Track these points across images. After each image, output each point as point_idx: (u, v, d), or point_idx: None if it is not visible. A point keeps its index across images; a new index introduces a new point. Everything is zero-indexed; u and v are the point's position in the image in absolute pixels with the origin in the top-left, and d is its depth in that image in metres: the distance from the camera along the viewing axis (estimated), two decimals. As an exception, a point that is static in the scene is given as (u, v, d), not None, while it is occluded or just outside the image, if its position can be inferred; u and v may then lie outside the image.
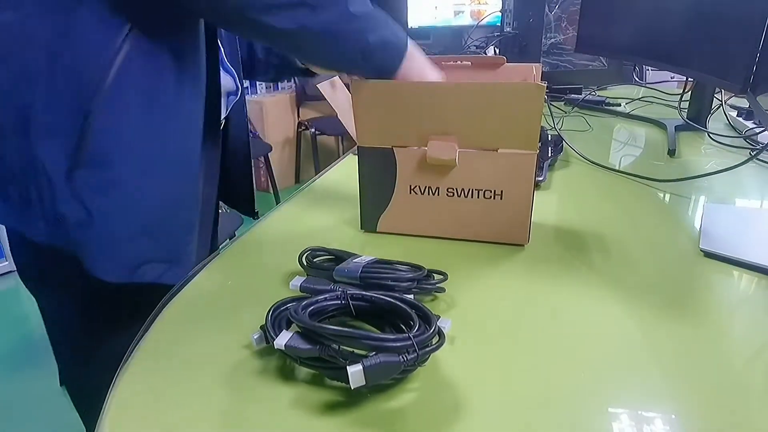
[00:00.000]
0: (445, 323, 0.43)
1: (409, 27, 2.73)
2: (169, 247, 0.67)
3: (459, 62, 0.71)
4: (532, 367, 0.42)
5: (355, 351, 0.37)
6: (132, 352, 0.46)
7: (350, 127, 0.69)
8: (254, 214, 0.91)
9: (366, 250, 0.64)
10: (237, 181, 0.87)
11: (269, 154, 2.92)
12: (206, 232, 0.81)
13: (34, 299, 0.72)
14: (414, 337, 0.36)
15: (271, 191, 3.03)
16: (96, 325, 0.70)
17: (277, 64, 0.87)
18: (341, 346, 0.36)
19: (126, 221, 0.62)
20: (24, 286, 0.70)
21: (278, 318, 0.42)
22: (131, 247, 0.63)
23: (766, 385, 0.40)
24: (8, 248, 0.72)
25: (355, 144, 0.65)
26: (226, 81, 0.77)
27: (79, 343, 0.73)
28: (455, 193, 0.62)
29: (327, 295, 0.41)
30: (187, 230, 0.70)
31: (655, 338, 0.46)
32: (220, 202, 0.89)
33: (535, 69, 0.70)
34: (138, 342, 0.48)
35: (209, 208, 0.81)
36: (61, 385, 1.60)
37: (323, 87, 0.72)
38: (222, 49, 0.74)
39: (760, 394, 0.40)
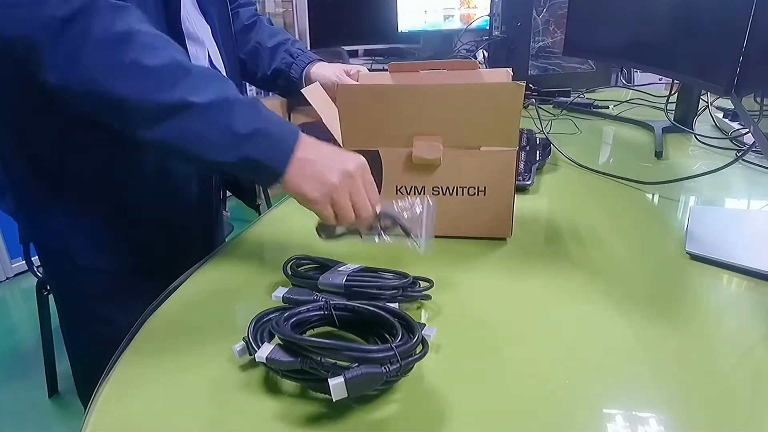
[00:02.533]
0: (430, 331, 0.43)
1: (399, 31, 2.74)
2: (167, 240, 0.71)
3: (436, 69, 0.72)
4: (519, 372, 0.42)
5: (338, 363, 0.36)
6: (114, 364, 0.45)
7: (335, 132, 0.69)
8: (256, 207, 0.97)
9: (352, 251, 0.63)
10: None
11: (260, 159, 2.89)
12: (208, 219, 0.86)
13: (21, 310, 0.73)
14: (397, 347, 0.35)
15: (263, 197, 3.01)
16: (105, 308, 0.73)
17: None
18: (323, 358, 0.35)
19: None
20: (11, 298, 0.71)
21: (260, 330, 0.42)
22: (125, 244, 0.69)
23: (751, 386, 0.40)
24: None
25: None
26: None
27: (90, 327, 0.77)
28: (440, 192, 0.63)
29: (309, 306, 0.40)
30: (182, 225, 0.74)
31: (642, 341, 0.45)
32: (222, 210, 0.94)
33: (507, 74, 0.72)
34: (121, 353, 0.47)
35: (207, 203, 0.85)
36: (49, 396, 1.58)
37: (307, 92, 0.72)
38: (209, 52, 0.74)
39: (745, 394, 0.39)
